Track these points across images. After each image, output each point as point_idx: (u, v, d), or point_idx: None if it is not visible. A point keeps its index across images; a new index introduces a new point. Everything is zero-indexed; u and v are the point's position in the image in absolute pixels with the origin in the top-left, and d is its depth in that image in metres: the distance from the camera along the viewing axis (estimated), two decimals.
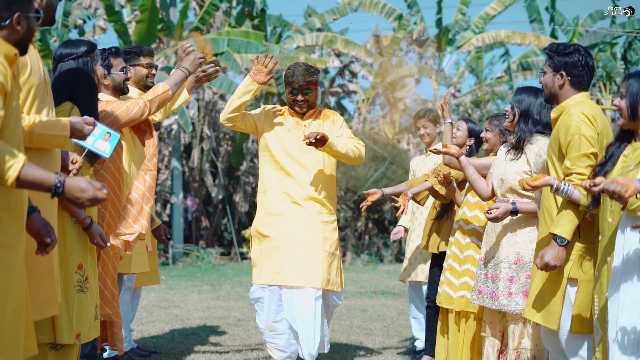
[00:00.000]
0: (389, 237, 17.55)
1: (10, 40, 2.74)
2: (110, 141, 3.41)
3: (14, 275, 2.60)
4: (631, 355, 3.30)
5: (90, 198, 2.52)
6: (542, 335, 3.91)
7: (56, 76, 3.78)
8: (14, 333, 2.58)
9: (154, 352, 5.86)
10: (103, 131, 3.40)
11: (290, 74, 4.99)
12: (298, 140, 5.01)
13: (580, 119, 3.68)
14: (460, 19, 20.34)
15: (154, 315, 7.84)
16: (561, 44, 3.87)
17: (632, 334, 3.25)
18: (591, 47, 21.12)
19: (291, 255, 4.90)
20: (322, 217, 5.00)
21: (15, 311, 2.60)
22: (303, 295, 4.85)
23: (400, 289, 10.74)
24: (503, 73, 22.66)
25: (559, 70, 3.82)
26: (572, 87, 3.83)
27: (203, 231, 18.44)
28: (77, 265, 3.61)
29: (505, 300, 4.25)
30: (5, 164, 2.43)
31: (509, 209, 4.20)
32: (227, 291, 10.30)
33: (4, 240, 2.58)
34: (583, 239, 3.73)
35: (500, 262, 4.34)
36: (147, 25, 14.77)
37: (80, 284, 3.62)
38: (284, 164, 4.99)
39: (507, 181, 4.32)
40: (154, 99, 4.22)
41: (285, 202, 4.98)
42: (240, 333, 6.83)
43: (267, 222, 5.00)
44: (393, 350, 6.23)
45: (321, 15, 18.74)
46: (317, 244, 4.93)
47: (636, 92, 3.44)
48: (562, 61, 3.81)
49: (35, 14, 2.79)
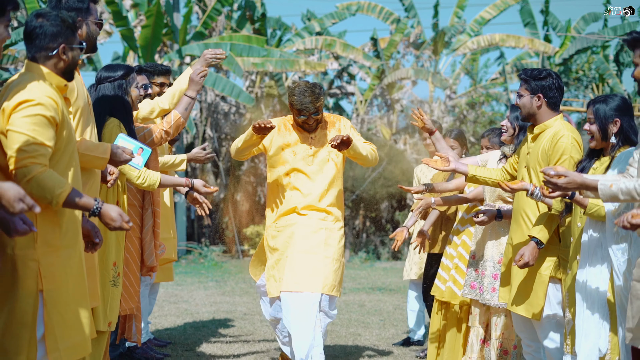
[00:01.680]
0: (386, 235, 18.07)
1: (58, 69, 3.24)
2: (142, 155, 3.93)
3: (74, 270, 3.13)
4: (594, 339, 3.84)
5: (117, 227, 3.16)
6: (514, 324, 4.45)
7: (97, 97, 4.31)
8: (80, 319, 3.10)
9: (169, 342, 6.38)
10: (137, 146, 3.92)
11: (298, 102, 4.90)
12: (305, 152, 5.04)
13: (572, 144, 4.25)
14: (456, 22, 20.83)
15: (165, 309, 8.34)
16: (535, 69, 4.40)
17: (592, 322, 3.79)
18: (583, 50, 21.63)
19: (292, 261, 4.91)
20: (326, 224, 5.01)
21: (78, 301, 3.12)
22: (301, 300, 4.84)
23: (397, 285, 11.26)
24: (498, 75, 23.18)
25: (536, 92, 4.35)
26: (549, 108, 4.36)
27: (205, 229, 18.93)
28: (113, 263, 4.14)
29: (489, 295, 4.78)
30: (54, 191, 2.97)
31: (494, 214, 4.73)
32: (231, 287, 10.82)
33: (64, 241, 3.11)
34: (563, 242, 4.28)
35: (486, 261, 4.88)
36: (152, 30, 15.23)
37: (114, 279, 4.14)
38: (292, 177, 5.02)
39: (496, 189, 4.85)
40: (168, 129, 4.72)
41: (292, 213, 5.02)
42: (247, 326, 7.35)
43: (275, 235, 5.06)
44: (389, 340, 6.76)
45: (320, 19, 19.23)
46: (319, 250, 4.94)
47: (603, 116, 3.98)
48: (539, 85, 4.34)
49: (78, 45, 3.30)
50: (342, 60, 20.00)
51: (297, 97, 4.90)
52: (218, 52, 4.75)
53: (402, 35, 19.78)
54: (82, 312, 3.13)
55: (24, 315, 2.98)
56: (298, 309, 4.82)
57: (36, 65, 3.19)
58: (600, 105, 3.98)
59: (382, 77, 19.55)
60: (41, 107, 3.00)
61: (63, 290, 3.06)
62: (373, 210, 18.33)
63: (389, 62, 19.95)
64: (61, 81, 3.23)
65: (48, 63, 3.20)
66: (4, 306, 2.99)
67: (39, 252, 3.02)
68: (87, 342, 3.18)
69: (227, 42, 15.55)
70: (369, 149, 5.05)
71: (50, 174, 2.97)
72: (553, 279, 4.30)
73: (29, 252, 3.00)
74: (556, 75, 4.32)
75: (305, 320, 4.78)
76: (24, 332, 2.98)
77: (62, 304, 3.06)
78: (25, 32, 3.19)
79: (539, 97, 4.34)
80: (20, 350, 2.97)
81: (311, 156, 5.03)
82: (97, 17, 3.85)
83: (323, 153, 5.05)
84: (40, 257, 3.02)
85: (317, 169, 5.04)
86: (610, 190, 3.30)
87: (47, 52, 3.19)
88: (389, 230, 18.13)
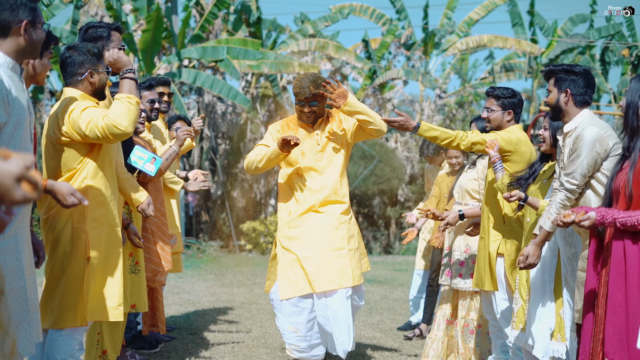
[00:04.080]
0: (378, 230, 18.75)
1: (89, 91, 3.98)
2: (155, 164, 4.63)
3: (116, 247, 3.95)
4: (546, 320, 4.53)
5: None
6: (483, 306, 5.14)
7: None
8: (109, 289, 3.87)
9: (175, 327, 7.05)
10: (150, 156, 4.61)
11: (297, 85, 5.00)
12: (313, 149, 5.07)
13: (534, 151, 5.02)
14: (446, 23, 21.46)
15: (169, 299, 9.01)
16: (503, 88, 5.10)
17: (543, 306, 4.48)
18: (569, 50, 22.31)
19: (320, 261, 4.93)
20: (343, 217, 5.06)
21: (113, 273, 3.89)
22: (337, 297, 4.91)
23: (385, 277, 11.96)
24: (487, 74, 23.84)
25: (507, 109, 5.04)
26: (514, 121, 5.07)
27: (203, 225, 19.58)
28: (129, 254, 4.80)
29: (456, 280, 5.48)
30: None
31: (457, 215, 5.41)
32: (229, 279, 11.49)
33: (112, 221, 3.93)
34: (507, 223, 4.98)
35: (454, 250, 5.57)
36: (152, 34, 15.79)
37: (132, 267, 4.81)
38: (303, 176, 5.06)
39: (463, 187, 5.55)
40: (164, 163, 5.44)
41: (307, 211, 5.04)
42: (244, 313, 8.03)
43: (292, 236, 5.05)
44: (374, 326, 7.43)
45: (313, 22, 19.86)
46: (343, 244, 5.00)
47: (556, 127, 4.65)
48: (510, 102, 5.04)
49: (104, 70, 4.02)
50: (335, 61, 20.64)
51: (297, 82, 5.02)
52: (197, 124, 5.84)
53: (393, 36, 20.41)
54: (113, 283, 3.91)
55: (77, 277, 3.80)
56: (336, 306, 4.90)
57: (71, 89, 3.92)
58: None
59: (374, 77, 20.20)
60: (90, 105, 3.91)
61: (102, 260, 3.86)
62: (365, 207, 19.00)
63: (380, 62, 20.58)
64: (93, 100, 3.95)
65: (80, 87, 3.94)
66: (66, 269, 3.82)
67: (89, 226, 3.86)
68: (112, 310, 3.91)
69: (224, 46, 16.15)
70: (370, 110, 5.01)
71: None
72: (499, 255, 5.01)
73: (82, 226, 3.84)
74: (519, 93, 5.05)
75: (345, 316, 4.90)
76: (78, 290, 3.79)
77: (99, 272, 3.87)
78: (59, 63, 3.97)
79: (509, 113, 5.07)
80: (76, 306, 3.81)
81: (320, 152, 5.07)
82: (119, 44, 4.46)
83: (330, 146, 5.08)
84: (89, 230, 3.84)
85: (327, 163, 5.08)
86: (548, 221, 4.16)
87: (77, 77, 3.93)
88: (380, 225, 18.82)
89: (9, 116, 2.98)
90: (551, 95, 4.20)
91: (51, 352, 3.79)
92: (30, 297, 3.05)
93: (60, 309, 3.79)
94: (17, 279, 2.99)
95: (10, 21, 3.10)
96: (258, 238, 17.52)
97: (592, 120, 4.08)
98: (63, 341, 3.81)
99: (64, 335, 3.83)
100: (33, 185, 1.62)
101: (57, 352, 3.79)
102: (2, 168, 1.60)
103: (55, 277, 3.84)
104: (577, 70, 4.19)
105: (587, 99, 4.19)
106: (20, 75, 3.19)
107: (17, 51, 3.13)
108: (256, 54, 16.23)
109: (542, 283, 4.53)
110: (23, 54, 3.16)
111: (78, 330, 3.85)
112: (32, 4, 3.14)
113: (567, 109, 4.17)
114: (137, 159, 4.63)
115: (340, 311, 4.89)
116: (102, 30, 4.49)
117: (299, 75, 5.09)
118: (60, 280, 3.82)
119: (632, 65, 22.92)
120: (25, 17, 3.11)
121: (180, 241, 6.70)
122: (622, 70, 23.46)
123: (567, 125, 4.18)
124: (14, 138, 3.02)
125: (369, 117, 4.94)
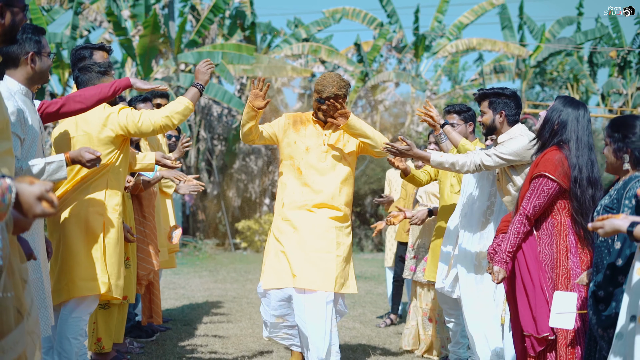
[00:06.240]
0: (369, 228, 19.29)
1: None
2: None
3: (120, 235, 4.52)
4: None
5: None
6: (437, 297, 5.70)
7: None
8: (100, 267, 4.40)
9: (170, 319, 7.61)
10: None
11: (321, 83, 5.02)
12: (317, 148, 5.09)
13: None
14: (436, 26, 21.97)
15: (165, 294, 9.57)
16: (463, 105, 5.62)
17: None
18: (557, 52, 22.84)
19: (306, 259, 4.92)
20: (336, 223, 5.04)
21: (113, 256, 4.45)
22: (315, 299, 4.86)
23: (372, 274, 12.53)
24: (477, 76, 24.36)
25: (468, 121, 5.60)
26: (472, 133, 5.63)
27: (199, 224, 20.10)
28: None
29: (421, 274, 6.06)
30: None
31: (426, 213, 5.95)
32: (223, 276, 12.05)
33: (120, 210, 4.49)
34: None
35: (419, 247, 6.15)
36: (149, 39, 16.31)
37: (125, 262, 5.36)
38: (303, 172, 5.06)
39: (428, 191, 6.14)
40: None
41: (302, 209, 5.03)
42: (235, 307, 8.59)
43: (283, 229, 5.05)
44: (356, 318, 8.00)
45: (307, 27, 20.38)
46: (332, 249, 4.96)
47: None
48: (470, 115, 5.58)
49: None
50: (328, 64, 21.13)
51: (321, 79, 5.06)
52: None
53: (384, 40, 20.92)
54: (101, 264, 4.43)
55: (95, 252, 4.37)
56: (313, 309, 4.85)
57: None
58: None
59: (366, 80, 20.71)
60: None
61: (108, 242, 4.43)
62: (357, 205, 19.54)
63: (372, 65, 21.10)
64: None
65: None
66: (92, 245, 4.38)
67: (105, 210, 4.45)
68: (103, 286, 4.38)
69: (219, 51, 16.67)
70: (372, 128, 5.08)
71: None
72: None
73: (99, 209, 4.40)
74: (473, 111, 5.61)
75: (322, 320, 4.84)
76: (99, 263, 4.36)
77: (112, 249, 4.46)
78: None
79: (470, 125, 5.61)
80: (97, 277, 4.35)
81: (324, 152, 5.09)
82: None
83: (336, 150, 5.09)
84: (105, 214, 4.42)
85: (329, 166, 5.08)
86: (439, 158, 4.69)
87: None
88: (372, 223, 19.35)
89: (25, 134, 3.56)
90: (486, 116, 4.77)
91: (63, 331, 4.36)
92: (45, 287, 3.63)
93: (78, 279, 4.33)
94: (35, 272, 3.56)
95: (19, 53, 3.69)
96: (253, 236, 18.06)
97: (525, 132, 4.68)
98: (74, 322, 4.37)
99: (75, 317, 4.39)
100: (50, 203, 2.08)
101: (69, 331, 4.36)
102: (28, 190, 2.05)
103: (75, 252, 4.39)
104: (508, 94, 4.74)
105: (517, 118, 4.78)
106: (32, 100, 3.75)
107: (27, 79, 3.74)
108: (250, 59, 16.74)
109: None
110: (33, 81, 3.76)
111: (85, 311, 4.41)
112: (37, 37, 3.69)
113: (501, 129, 4.76)
114: None
115: (317, 315, 4.83)
116: (86, 51, 4.73)
117: (325, 73, 5.12)
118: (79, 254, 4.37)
119: (619, 66, 23.48)
120: (31, 49, 3.70)
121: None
122: (609, 72, 24.01)
123: (502, 136, 4.75)
124: (31, 152, 3.62)
125: (369, 140, 5.04)
